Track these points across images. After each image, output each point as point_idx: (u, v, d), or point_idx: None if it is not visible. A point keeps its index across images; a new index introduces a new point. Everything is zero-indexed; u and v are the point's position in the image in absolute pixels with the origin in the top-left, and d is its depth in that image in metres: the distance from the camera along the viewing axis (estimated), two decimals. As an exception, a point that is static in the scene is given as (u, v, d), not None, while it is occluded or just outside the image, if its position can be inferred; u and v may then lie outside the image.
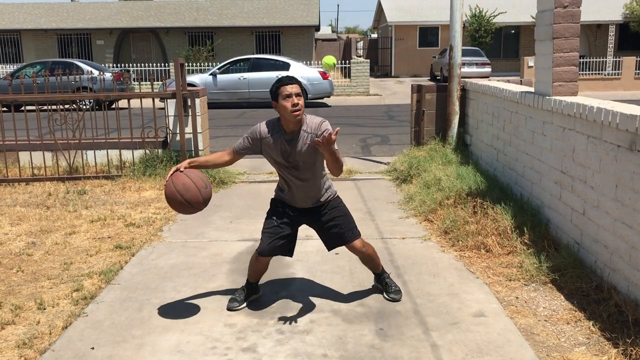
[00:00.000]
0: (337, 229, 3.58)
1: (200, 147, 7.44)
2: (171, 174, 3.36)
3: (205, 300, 3.83)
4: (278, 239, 3.54)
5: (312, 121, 3.44)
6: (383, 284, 3.82)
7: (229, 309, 3.65)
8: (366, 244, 3.69)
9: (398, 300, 3.73)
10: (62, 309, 3.69)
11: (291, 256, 3.70)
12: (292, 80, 3.38)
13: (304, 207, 3.58)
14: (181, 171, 3.35)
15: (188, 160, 3.46)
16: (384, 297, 3.79)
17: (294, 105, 3.30)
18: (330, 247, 3.69)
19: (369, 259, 3.72)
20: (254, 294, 3.80)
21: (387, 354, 3.11)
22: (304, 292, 3.91)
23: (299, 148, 3.40)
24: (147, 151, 7.26)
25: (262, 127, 3.47)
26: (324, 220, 3.59)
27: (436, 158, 6.89)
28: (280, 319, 3.54)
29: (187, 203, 3.29)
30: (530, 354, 3.07)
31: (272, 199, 3.71)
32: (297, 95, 3.33)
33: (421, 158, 7.01)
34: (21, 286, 4.08)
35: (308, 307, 3.68)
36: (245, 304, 3.71)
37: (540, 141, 4.84)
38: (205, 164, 3.62)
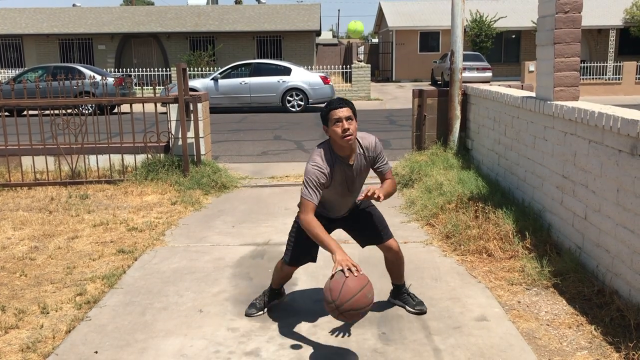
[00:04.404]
0: (373, 228, 3.56)
1: (203, 151, 7.46)
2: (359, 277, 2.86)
3: (208, 304, 3.84)
4: (306, 250, 3.47)
5: (365, 141, 3.34)
6: (403, 298, 3.73)
7: (247, 314, 3.63)
8: (399, 247, 3.66)
9: (424, 312, 3.62)
10: (66, 313, 3.70)
11: (314, 262, 3.59)
12: (342, 103, 3.20)
13: (339, 216, 3.55)
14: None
15: (338, 245, 2.98)
16: (406, 310, 3.67)
17: (345, 130, 3.13)
18: (364, 244, 3.66)
19: (398, 263, 3.66)
20: (276, 299, 3.75)
21: (389, 357, 3.12)
22: (307, 296, 3.92)
23: (358, 171, 3.35)
24: (150, 156, 7.28)
25: (320, 161, 3.19)
26: (358, 221, 3.57)
27: (438, 162, 6.90)
28: (283, 323, 3.55)
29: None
30: (533, 358, 3.08)
31: None
32: (348, 119, 3.15)
33: (423, 162, 7.02)
34: (24, 290, 4.10)
35: (311, 311, 3.69)
36: (264, 311, 3.67)
37: (541, 146, 4.86)
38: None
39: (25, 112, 8.40)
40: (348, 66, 23.37)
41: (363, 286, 2.83)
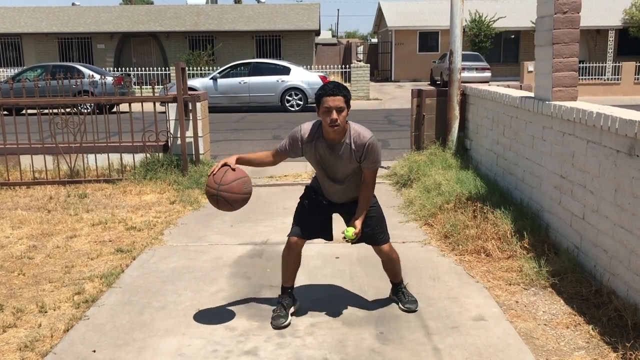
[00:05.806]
0: (369, 229, 3.52)
1: (201, 150, 7.46)
2: (219, 169, 3.28)
3: (206, 303, 3.84)
4: (308, 222, 3.53)
5: (358, 136, 3.31)
6: (398, 296, 3.75)
7: (276, 327, 3.45)
8: (393, 249, 3.68)
9: (414, 311, 3.64)
10: (64, 312, 3.70)
11: (331, 240, 3.69)
12: (336, 90, 3.20)
13: (338, 202, 3.58)
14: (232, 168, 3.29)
15: (236, 156, 3.39)
16: (399, 307, 3.70)
17: (332, 121, 3.19)
18: (357, 241, 3.58)
19: (392, 264, 3.70)
20: (293, 305, 3.63)
21: (387, 357, 3.12)
22: (305, 296, 3.91)
23: (339, 158, 3.35)
24: (148, 155, 7.28)
25: (304, 130, 3.38)
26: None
27: (436, 162, 6.91)
28: (281, 322, 3.55)
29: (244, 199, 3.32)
30: (530, 358, 3.08)
31: (306, 186, 3.69)
32: (339, 109, 3.18)
33: (421, 162, 7.03)
34: (22, 289, 4.10)
35: (308, 310, 3.69)
36: (290, 318, 3.54)
37: (540, 146, 4.86)
38: (252, 161, 3.51)
39: (24, 111, 8.39)
40: (347, 66, 23.39)
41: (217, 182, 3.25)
